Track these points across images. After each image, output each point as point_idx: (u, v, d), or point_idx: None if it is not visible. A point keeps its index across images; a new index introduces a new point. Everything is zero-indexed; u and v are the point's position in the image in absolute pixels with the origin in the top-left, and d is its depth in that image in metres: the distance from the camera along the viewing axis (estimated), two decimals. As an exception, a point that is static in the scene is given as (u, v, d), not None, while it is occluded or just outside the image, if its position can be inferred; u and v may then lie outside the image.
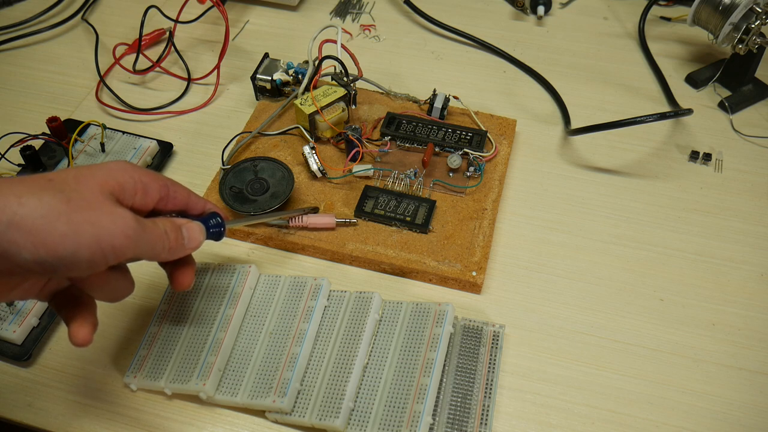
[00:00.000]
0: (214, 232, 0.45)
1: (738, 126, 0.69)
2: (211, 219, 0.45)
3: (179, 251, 0.42)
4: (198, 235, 0.43)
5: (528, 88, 0.74)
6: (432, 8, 0.81)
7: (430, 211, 0.58)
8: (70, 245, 0.34)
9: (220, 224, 0.46)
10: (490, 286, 0.56)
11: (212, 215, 0.46)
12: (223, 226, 0.46)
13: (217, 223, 0.45)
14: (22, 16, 0.80)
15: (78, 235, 0.35)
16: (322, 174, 0.61)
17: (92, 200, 0.36)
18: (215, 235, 0.46)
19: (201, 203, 0.46)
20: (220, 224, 0.46)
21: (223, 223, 0.46)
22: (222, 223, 0.46)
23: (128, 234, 0.37)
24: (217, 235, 0.46)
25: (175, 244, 0.41)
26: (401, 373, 0.48)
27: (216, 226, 0.45)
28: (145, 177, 0.41)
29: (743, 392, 0.50)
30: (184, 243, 0.42)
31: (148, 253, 0.40)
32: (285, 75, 0.67)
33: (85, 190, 0.37)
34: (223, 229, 0.46)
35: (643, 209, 0.62)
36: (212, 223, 0.45)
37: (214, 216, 0.46)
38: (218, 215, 0.46)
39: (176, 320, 0.51)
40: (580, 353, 0.52)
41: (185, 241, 0.42)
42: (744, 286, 0.56)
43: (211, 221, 0.45)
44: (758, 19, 0.65)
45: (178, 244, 0.42)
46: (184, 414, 0.49)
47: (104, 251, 0.36)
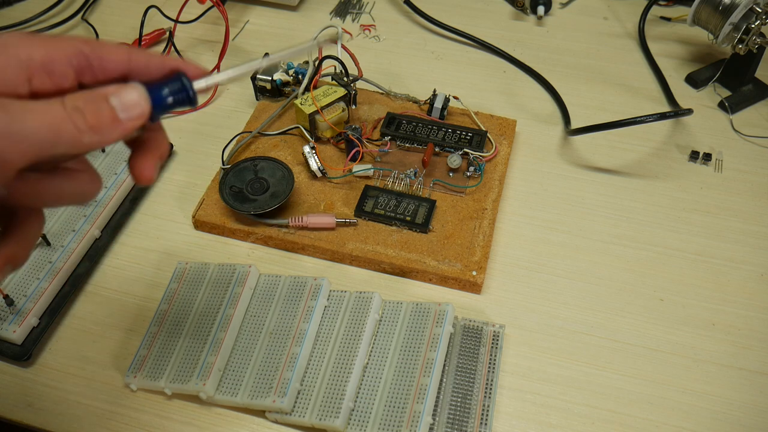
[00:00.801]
0: (178, 97, 0.32)
1: (738, 126, 0.69)
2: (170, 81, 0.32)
3: (111, 128, 0.31)
4: (137, 100, 0.31)
5: (528, 88, 0.74)
6: (432, 8, 0.81)
7: (430, 210, 0.58)
8: None
9: (183, 86, 0.32)
10: (490, 286, 0.56)
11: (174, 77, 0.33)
12: (188, 87, 0.33)
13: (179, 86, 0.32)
14: (22, 16, 0.80)
15: None
16: (322, 174, 0.61)
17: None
18: (179, 101, 0.33)
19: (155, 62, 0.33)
20: (183, 86, 0.32)
21: (188, 84, 0.33)
22: (186, 85, 0.32)
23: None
24: (184, 101, 0.33)
25: (98, 120, 0.30)
26: (401, 373, 0.48)
27: (178, 91, 0.32)
28: (37, 51, 0.30)
29: (743, 392, 0.50)
30: (116, 115, 0.31)
31: (60, 146, 0.29)
32: (285, 75, 0.67)
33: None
34: (190, 92, 0.33)
35: (643, 209, 0.62)
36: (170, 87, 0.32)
37: (177, 78, 0.33)
38: (182, 75, 0.33)
39: (176, 320, 0.51)
40: (580, 353, 0.52)
41: (118, 112, 0.31)
42: (744, 286, 0.56)
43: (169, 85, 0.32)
44: (758, 19, 0.65)
45: (105, 118, 0.30)
46: (184, 414, 0.49)
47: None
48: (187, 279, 0.54)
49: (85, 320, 0.54)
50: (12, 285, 0.53)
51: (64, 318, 0.54)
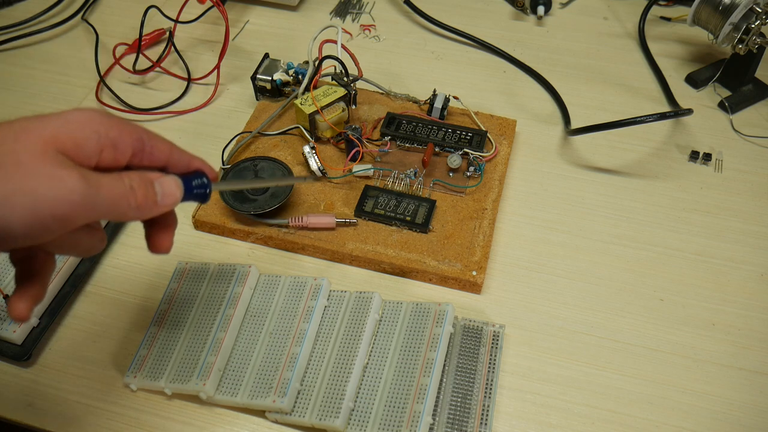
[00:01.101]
0: (198, 192, 0.40)
1: (738, 126, 0.69)
2: (195, 178, 0.40)
3: (151, 209, 0.37)
4: (174, 191, 0.38)
5: (528, 88, 0.74)
6: (432, 8, 0.81)
7: (430, 210, 0.58)
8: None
9: (204, 185, 0.40)
10: (490, 286, 0.56)
11: (197, 174, 0.40)
12: (208, 186, 0.40)
13: (201, 183, 0.40)
14: (22, 16, 0.80)
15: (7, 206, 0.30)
16: (322, 174, 0.61)
17: (29, 163, 0.31)
18: (198, 197, 0.40)
19: (185, 159, 0.40)
20: (204, 185, 0.40)
21: (209, 184, 0.40)
22: (207, 183, 0.40)
23: (73, 200, 0.32)
24: (201, 197, 0.40)
25: (144, 201, 0.36)
26: (401, 373, 0.48)
27: (200, 187, 0.40)
28: (113, 130, 0.35)
29: (743, 392, 0.50)
30: (156, 200, 0.37)
31: (111, 214, 0.35)
32: (285, 75, 0.67)
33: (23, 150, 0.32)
34: (208, 190, 0.40)
35: (643, 209, 0.62)
36: (196, 183, 0.40)
37: (199, 175, 0.40)
38: (204, 175, 0.40)
39: (176, 320, 0.51)
40: (580, 353, 0.52)
41: (158, 197, 0.37)
42: (744, 286, 0.56)
43: (195, 181, 0.40)
44: (758, 19, 0.65)
45: (149, 201, 0.36)
46: (184, 414, 0.49)
47: (44, 222, 0.32)
48: (187, 279, 0.54)
49: (85, 320, 0.54)
50: (12, 285, 0.53)
51: (64, 318, 0.54)
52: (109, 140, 0.35)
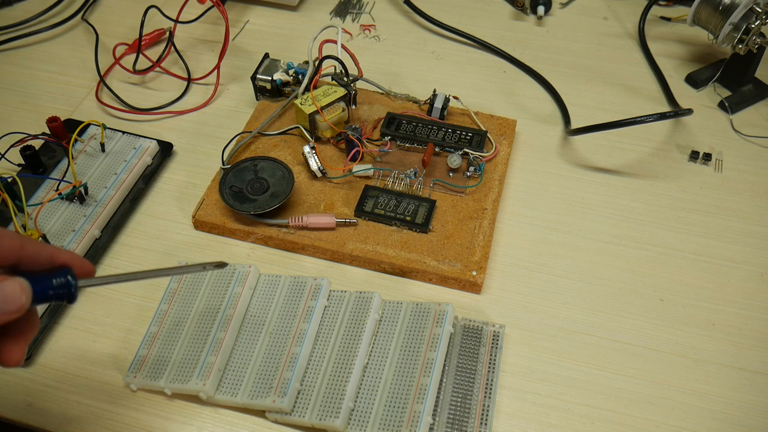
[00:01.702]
0: (59, 293, 0.34)
1: (738, 126, 0.69)
2: (57, 276, 0.34)
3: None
4: (17, 294, 0.33)
5: (528, 88, 0.74)
6: (432, 8, 0.81)
7: (430, 210, 0.58)
8: None
9: (66, 284, 0.34)
10: (490, 286, 0.56)
11: (61, 271, 0.34)
12: (71, 285, 0.34)
13: (64, 282, 0.34)
14: (22, 16, 0.80)
15: None
16: (322, 174, 0.61)
17: None
18: (61, 297, 0.34)
19: (46, 253, 0.35)
20: (66, 284, 0.34)
21: (74, 283, 0.34)
22: (70, 282, 0.34)
23: None
24: (65, 297, 0.34)
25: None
26: (401, 373, 0.48)
27: (62, 287, 0.34)
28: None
29: (743, 392, 0.50)
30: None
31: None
32: (285, 75, 0.67)
33: None
34: (73, 289, 0.34)
35: (643, 209, 0.62)
36: (57, 282, 0.34)
37: (64, 272, 0.34)
38: (69, 271, 0.34)
39: (176, 320, 0.51)
40: (580, 353, 0.52)
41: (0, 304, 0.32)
42: (744, 286, 0.56)
43: (56, 279, 0.34)
44: (758, 19, 0.65)
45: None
46: (184, 414, 0.49)
47: None
48: (187, 279, 0.54)
49: (85, 320, 0.54)
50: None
51: (64, 318, 0.54)
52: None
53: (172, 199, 0.62)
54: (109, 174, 0.61)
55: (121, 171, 0.61)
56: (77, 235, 0.56)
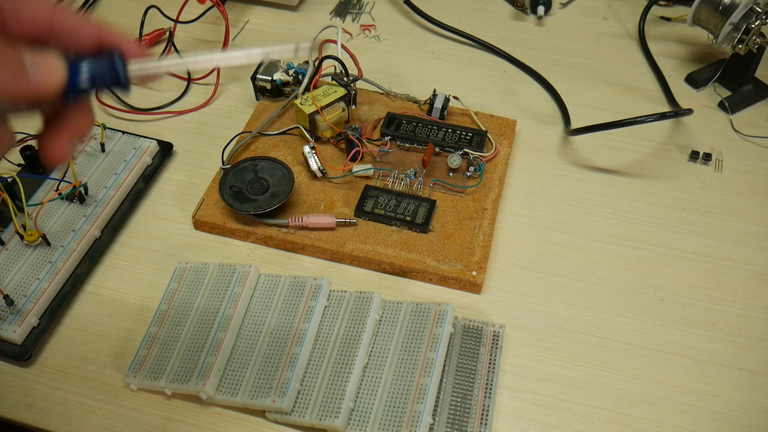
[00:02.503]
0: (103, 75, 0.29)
1: (738, 126, 0.69)
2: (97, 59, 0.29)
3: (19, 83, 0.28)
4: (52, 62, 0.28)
5: (528, 88, 0.74)
6: (432, 8, 0.81)
7: (430, 210, 0.58)
8: None
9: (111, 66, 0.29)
10: (490, 286, 0.56)
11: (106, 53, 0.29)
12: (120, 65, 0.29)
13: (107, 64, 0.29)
14: (22, 16, 0.80)
15: None
16: (322, 174, 0.61)
17: None
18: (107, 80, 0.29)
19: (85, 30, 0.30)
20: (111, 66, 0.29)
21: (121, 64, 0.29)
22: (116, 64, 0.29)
23: None
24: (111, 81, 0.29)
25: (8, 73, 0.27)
26: (401, 373, 0.48)
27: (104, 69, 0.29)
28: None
29: (743, 392, 0.50)
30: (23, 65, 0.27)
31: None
32: (285, 75, 0.67)
33: None
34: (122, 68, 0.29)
35: (643, 209, 0.62)
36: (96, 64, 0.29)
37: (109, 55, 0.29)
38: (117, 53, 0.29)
39: (176, 320, 0.51)
40: (580, 353, 0.52)
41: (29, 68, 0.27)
42: (744, 286, 0.56)
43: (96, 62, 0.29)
44: (758, 19, 0.65)
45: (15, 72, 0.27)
46: (184, 414, 0.49)
47: None
48: (187, 279, 0.54)
49: (85, 320, 0.54)
50: (12, 285, 0.53)
51: (64, 318, 0.54)
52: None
53: (172, 199, 0.62)
54: (109, 174, 0.61)
55: (121, 171, 0.61)
56: (77, 235, 0.56)
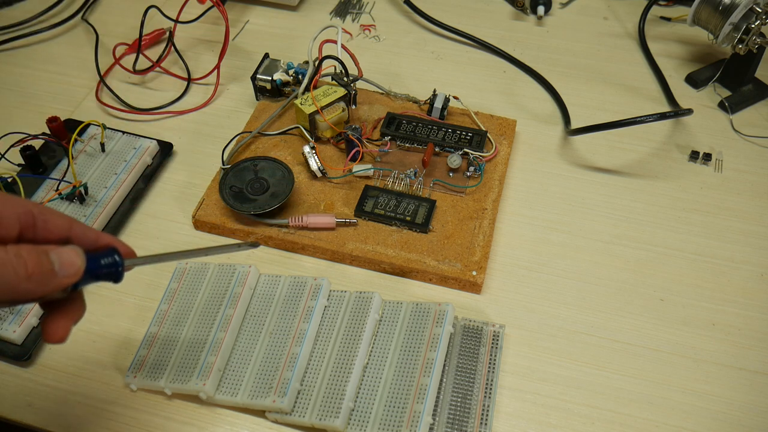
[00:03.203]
0: (107, 272, 0.36)
1: (738, 126, 0.69)
2: (104, 256, 0.36)
3: (47, 281, 0.33)
4: (75, 260, 0.34)
5: (528, 88, 0.74)
6: (432, 8, 0.81)
7: (430, 210, 0.58)
8: None
9: (116, 263, 0.36)
10: (490, 286, 0.56)
11: (107, 251, 0.36)
12: (119, 264, 0.36)
13: (112, 261, 0.36)
14: (22, 16, 0.80)
15: None
16: (322, 174, 0.61)
17: None
18: (109, 276, 0.36)
19: (91, 236, 0.36)
20: (116, 263, 0.36)
21: (120, 261, 0.36)
22: (119, 261, 0.36)
23: None
24: (113, 276, 0.36)
25: (38, 271, 0.32)
26: (401, 373, 0.48)
27: (111, 266, 0.36)
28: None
29: (743, 392, 0.50)
30: (54, 269, 0.33)
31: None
32: (285, 75, 0.67)
33: None
34: (120, 267, 0.36)
35: (643, 209, 0.62)
36: (105, 261, 0.36)
37: (110, 252, 0.36)
38: (116, 251, 0.36)
39: (176, 320, 0.51)
40: (580, 353, 0.52)
41: (56, 267, 0.33)
42: (744, 286, 0.56)
43: (104, 259, 0.36)
44: (758, 19, 0.65)
45: (43, 271, 0.33)
46: (184, 414, 0.49)
47: None
48: (187, 279, 0.54)
49: (85, 320, 0.53)
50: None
51: (64, 318, 0.54)
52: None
53: (172, 199, 0.62)
54: (109, 174, 0.61)
55: (121, 171, 0.61)
56: (77, 235, 0.56)
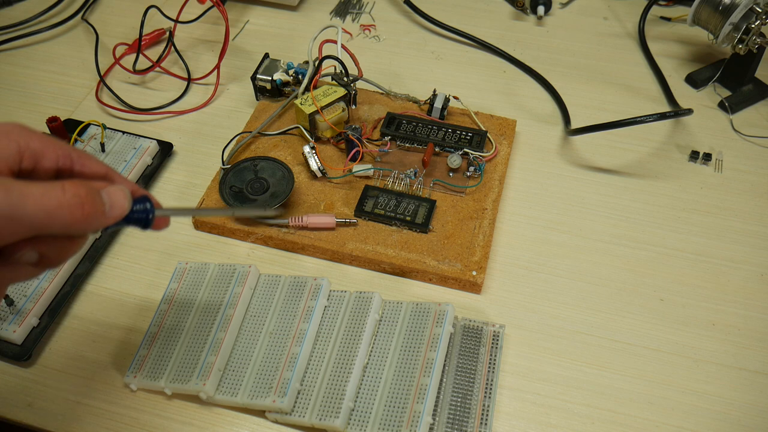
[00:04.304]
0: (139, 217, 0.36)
1: (738, 126, 0.69)
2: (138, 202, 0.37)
3: (97, 221, 0.33)
4: (123, 202, 0.34)
5: (528, 88, 0.74)
6: (432, 8, 0.81)
7: (430, 210, 0.58)
8: None
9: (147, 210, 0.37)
10: (490, 286, 0.56)
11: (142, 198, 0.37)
12: (151, 212, 0.37)
13: (144, 208, 0.37)
14: (22, 16, 0.80)
15: None
16: (322, 174, 0.61)
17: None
18: (140, 222, 0.37)
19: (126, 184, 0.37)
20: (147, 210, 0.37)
21: (152, 209, 0.37)
22: (150, 209, 0.37)
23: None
24: (143, 222, 0.37)
25: (92, 211, 0.33)
26: (401, 373, 0.48)
27: (142, 212, 0.36)
28: (34, 142, 0.33)
29: (743, 392, 0.50)
30: (104, 210, 0.34)
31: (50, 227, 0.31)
32: (285, 75, 0.67)
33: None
34: (150, 215, 0.37)
35: (643, 209, 0.62)
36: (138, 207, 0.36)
37: (143, 199, 0.37)
38: (148, 199, 0.37)
39: (176, 320, 0.51)
40: (580, 353, 0.52)
41: (106, 207, 0.34)
42: (744, 286, 0.56)
43: (137, 205, 0.36)
44: (758, 19, 0.65)
45: (96, 211, 0.33)
46: (184, 414, 0.49)
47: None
48: (187, 279, 0.54)
49: (85, 320, 0.54)
50: (12, 285, 0.53)
51: (64, 318, 0.54)
52: (30, 151, 0.33)
53: (172, 199, 0.62)
54: (109, 174, 0.61)
55: (121, 171, 0.61)
56: (77, 235, 0.56)
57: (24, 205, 0.30)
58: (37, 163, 0.34)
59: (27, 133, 0.34)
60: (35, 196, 0.31)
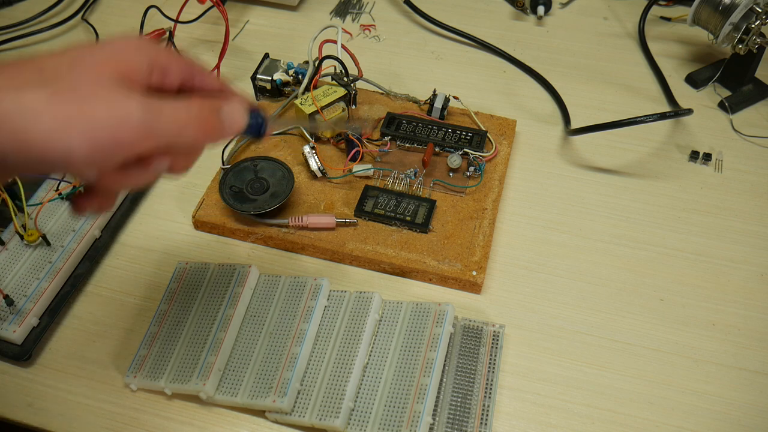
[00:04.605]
0: (254, 125, 0.39)
1: (738, 126, 0.69)
2: (251, 117, 0.39)
3: (217, 136, 0.37)
4: (239, 118, 0.37)
5: (528, 88, 0.74)
6: (432, 8, 0.81)
7: (430, 210, 0.58)
8: (59, 144, 0.30)
9: (260, 124, 0.39)
10: (490, 286, 0.56)
11: (254, 113, 0.39)
12: (263, 125, 0.40)
13: (258, 121, 0.39)
14: (22, 16, 0.80)
15: (66, 132, 0.30)
16: (322, 174, 0.61)
17: (86, 89, 0.31)
18: (255, 130, 0.39)
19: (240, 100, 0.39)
20: (260, 124, 0.39)
21: (264, 123, 0.40)
22: (263, 122, 0.40)
23: (132, 125, 0.31)
24: (257, 131, 0.39)
25: (213, 128, 0.36)
26: (401, 373, 0.48)
27: (256, 126, 0.39)
28: (162, 57, 0.35)
29: (743, 392, 0.50)
30: (224, 126, 0.37)
31: (176, 140, 0.34)
32: (285, 75, 0.67)
33: (78, 77, 0.31)
34: (263, 129, 0.40)
35: (643, 209, 0.62)
36: (252, 122, 0.39)
37: (256, 114, 0.39)
38: (259, 113, 0.40)
39: (176, 320, 0.51)
40: (580, 353, 0.52)
41: (226, 124, 0.37)
42: (744, 286, 0.56)
43: (251, 120, 0.39)
44: (758, 19, 0.65)
45: (216, 128, 0.36)
46: (184, 414, 0.49)
47: (104, 148, 0.31)
48: (187, 279, 0.54)
49: (85, 320, 0.54)
50: (12, 285, 0.53)
51: (64, 318, 0.54)
52: (159, 65, 0.35)
53: (172, 199, 0.62)
54: (109, 174, 0.61)
55: (121, 171, 0.61)
56: (77, 235, 0.56)
57: (159, 121, 0.33)
58: (165, 77, 0.36)
59: (156, 48, 0.35)
60: (167, 114, 0.33)
